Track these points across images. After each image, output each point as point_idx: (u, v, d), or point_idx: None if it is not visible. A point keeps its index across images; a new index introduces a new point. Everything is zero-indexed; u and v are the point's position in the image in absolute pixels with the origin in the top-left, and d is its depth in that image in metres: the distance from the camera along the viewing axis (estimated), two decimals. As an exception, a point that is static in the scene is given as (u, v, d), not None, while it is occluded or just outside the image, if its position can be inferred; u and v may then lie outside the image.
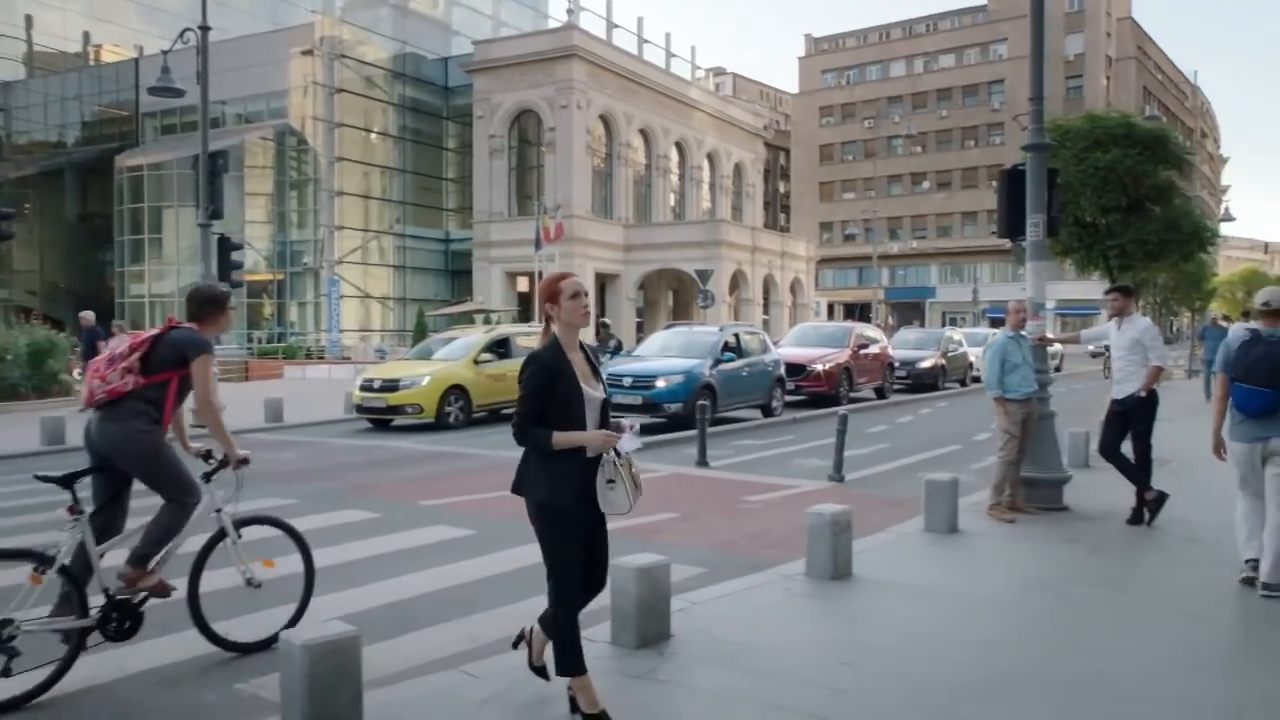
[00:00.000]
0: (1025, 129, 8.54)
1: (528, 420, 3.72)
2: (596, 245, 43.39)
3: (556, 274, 3.91)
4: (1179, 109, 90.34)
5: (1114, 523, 7.88)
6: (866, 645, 4.94)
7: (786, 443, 13.88)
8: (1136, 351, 7.85)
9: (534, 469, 3.78)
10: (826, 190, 79.73)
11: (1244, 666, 4.66)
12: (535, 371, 3.73)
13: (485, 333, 17.94)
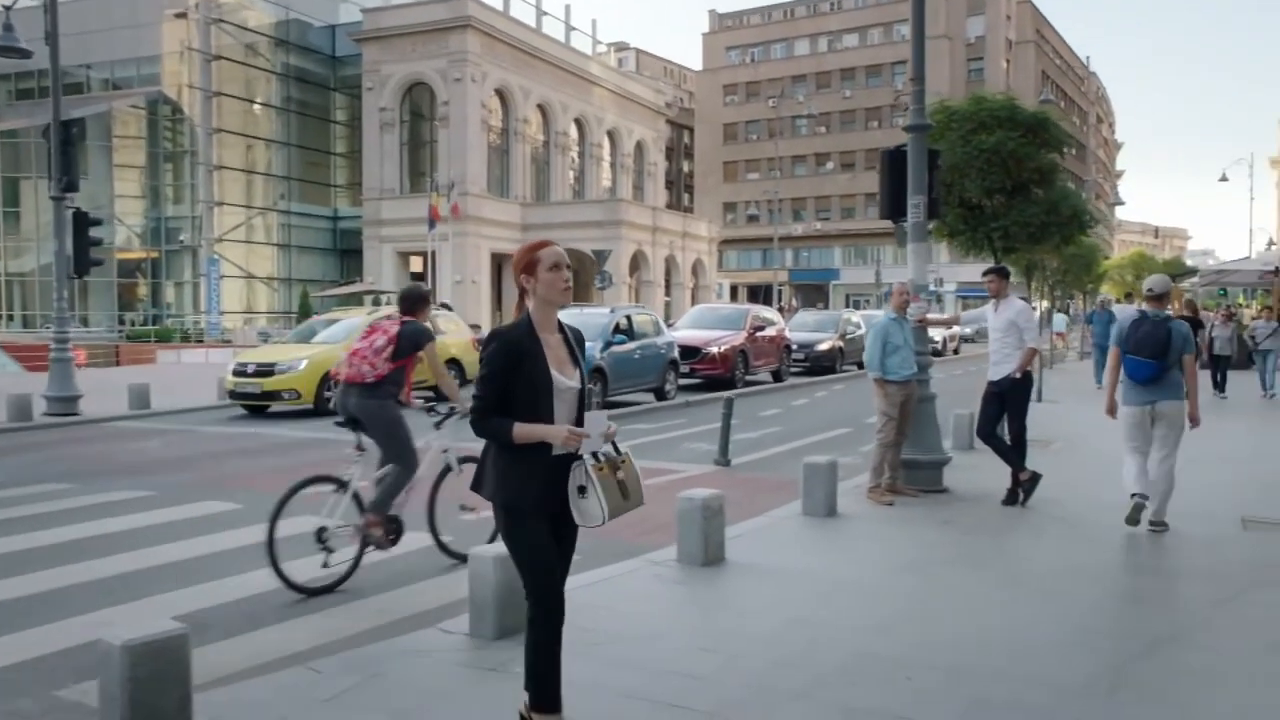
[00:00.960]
0: (906, 109, 8.73)
1: (486, 406, 3.31)
2: (492, 224, 42.93)
3: (534, 242, 3.50)
4: (1076, 93, 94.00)
5: (990, 504, 8.15)
6: (732, 631, 5.00)
7: (677, 426, 13.98)
8: (1012, 334, 8.12)
9: (494, 464, 3.40)
10: (730, 170, 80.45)
11: (1105, 644, 4.86)
12: (497, 350, 3.33)
13: (368, 314, 17.55)
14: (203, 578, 6.17)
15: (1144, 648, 4.80)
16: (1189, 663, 4.60)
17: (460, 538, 6.65)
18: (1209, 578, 6.09)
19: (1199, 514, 7.99)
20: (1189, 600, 5.62)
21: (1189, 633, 5.05)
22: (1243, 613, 5.38)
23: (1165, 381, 7.05)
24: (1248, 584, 5.95)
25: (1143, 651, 4.75)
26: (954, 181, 11.12)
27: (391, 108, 44.27)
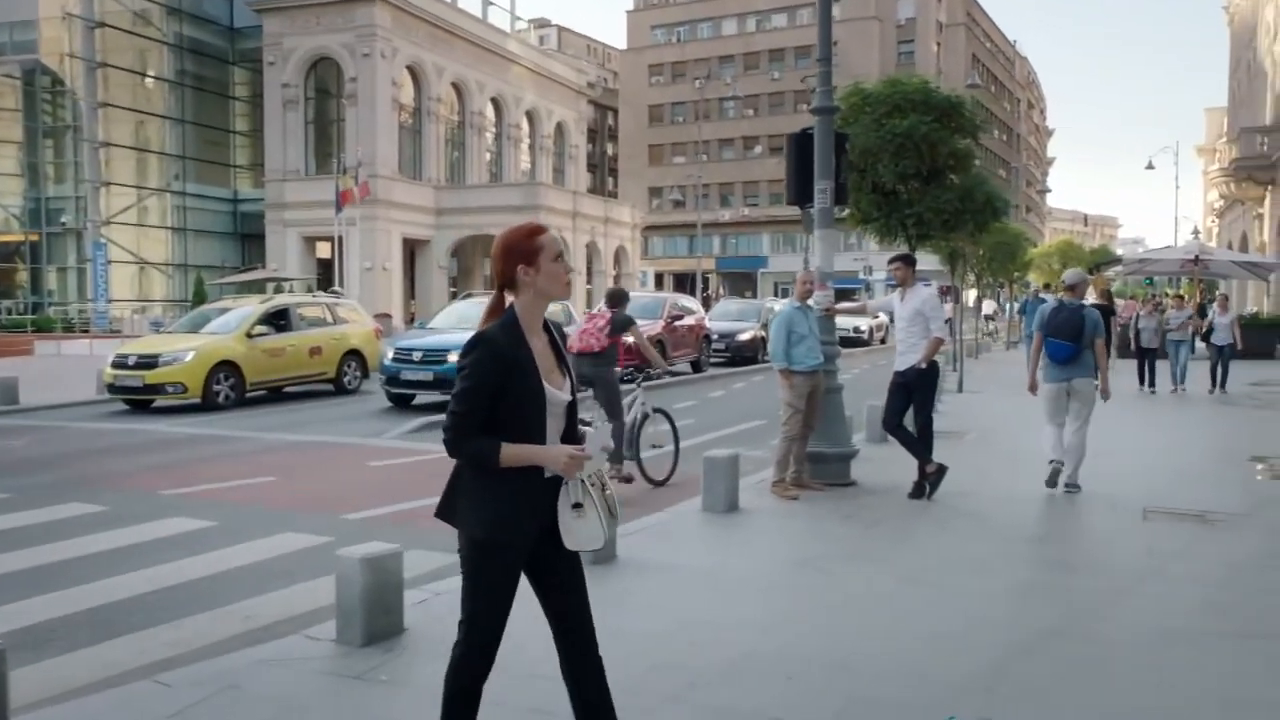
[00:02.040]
0: (813, 91, 8.81)
1: (468, 425, 2.90)
2: (404, 208, 42.33)
3: (527, 226, 3.09)
4: (1006, 78, 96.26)
5: (897, 497, 8.28)
6: (613, 632, 4.95)
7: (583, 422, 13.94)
8: (918, 323, 8.26)
9: (469, 490, 2.98)
10: (656, 153, 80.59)
11: (993, 639, 4.96)
12: (484, 359, 2.90)
13: (260, 302, 17.17)
14: (53, 586, 5.95)
15: (1031, 642, 4.92)
16: (1074, 656, 4.71)
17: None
18: (1105, 569, 6.28)
19: (1104, 505, 8.25)
20: (1082, 592, 5.77)
21: (1078, 625, 5.19)
22: (1133, 604, 5.55)
23: (1079, 361, 8.44)
24: (1142, 575, 6.15)
25: (1029, 646, 4.86)
26: (867, 166, 11.27)
27: (295, 84, 43.30)
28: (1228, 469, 9.90)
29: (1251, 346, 24.93)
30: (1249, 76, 39.19)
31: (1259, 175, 31.29)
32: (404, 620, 4.94)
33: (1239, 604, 5.56)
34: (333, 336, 17.28)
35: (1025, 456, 10.47)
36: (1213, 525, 7.43)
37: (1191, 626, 5.17)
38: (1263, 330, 26.80)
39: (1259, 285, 32.94)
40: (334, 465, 10.40)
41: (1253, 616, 5.33)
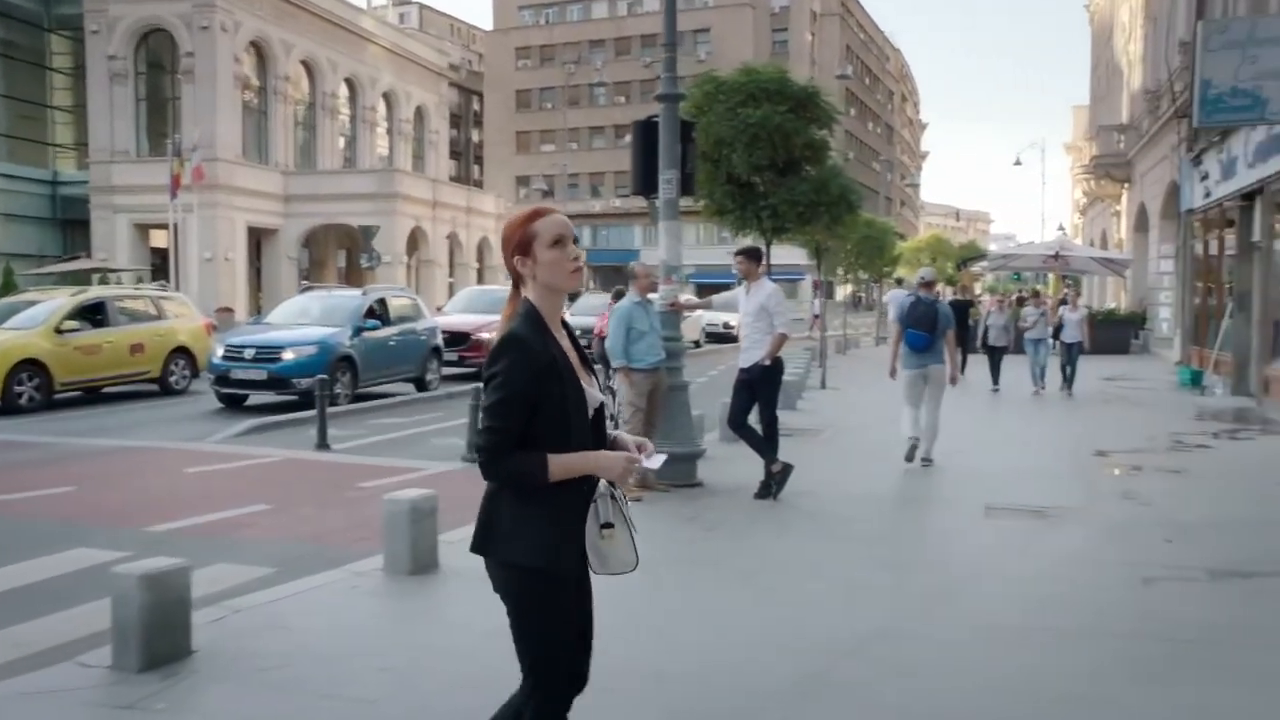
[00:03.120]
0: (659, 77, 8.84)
1: (508, 442, 2.65)
2: (248, 194, 40.92)
3: (527, 211, 2.86)
4: (880, 70, 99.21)
5: (743, 498, 8.38)
6: (423, 646, 4.88)
7: (434, 420, 13.74)
8: (762, 318, 8.36)
9: (512, 515, 2.72)
10: (523, 141, 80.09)
11: (818, 643, 5.04)
12: (518, 364, 2.65)
13: (72, 295, 16.29)
14: None
15: (855, 644, 5.01)
16: (897, 658, 4.83)
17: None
18: (940, 568, 6.48)
19: (947, 503, 8.54)
20: (915, 592, 5.93)
21: (906, 626, 5.32)
22: (963, 602, 5.73)
23: (934, 350, 9.90)
24: (977, 572, 6.37)
25: (854, 649, 4.96)
26: (721, 157, 11.38)
27: (123, 56, 41.33)
28: (1071, 465, 10.38)
29: (1107, 342, 26.37)
30: (1108, 75, 41.36)
31: (1116, 173, 33.01)
32: (192, 642, 4.72)
33: (1066, 600, 5.80)
34: (157, 332, 16.53)
35: (877, 454, 10.79)
36: (1050, 520, 7.75)
37: (1019, 624, 5.36)
38: (1118, 326, 28.32)
39: (1119, 281, 34.77)
40: (146, 472, 9.93)
41: (1079, 612, 5.56)
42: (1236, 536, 7.26)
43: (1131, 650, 4.93)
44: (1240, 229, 16.91)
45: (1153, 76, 27.64)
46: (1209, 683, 4.52)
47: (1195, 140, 19.74)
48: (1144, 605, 5.72)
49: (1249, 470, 10.07)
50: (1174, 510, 8.11)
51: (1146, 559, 6.60)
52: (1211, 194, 18.72)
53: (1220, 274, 19.53)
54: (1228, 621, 5.39)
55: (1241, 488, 9.16)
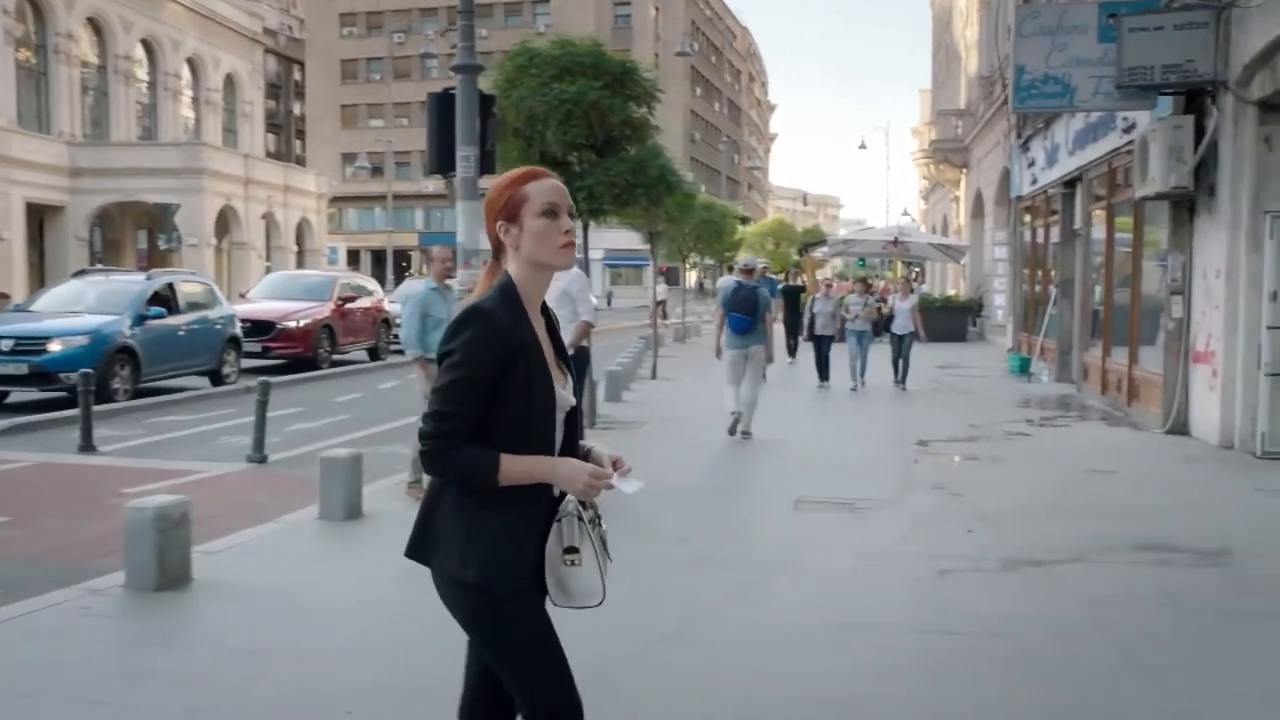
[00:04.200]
0: (453, 48, 8.64)
1: (459, 430, 2.40)
2: (27, 167, 38.36)
3: (518, 172, 2.60)
4: (728, 49, 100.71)
5: (548, 494, 8.29)
6: (149, 672, 4.60)
7: (226, 417, 13.18)
8: (565, 305, 8.28)
9: (455, 520, 2.48)
10: (349, 115, 77.98)
11: (598, 647, 4.94)
12: (480, 341, 2.41)
13: None
14: None
15: (637, 649, 4.98)
16: (677, 663, 4.82)
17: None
18: (740, 565, 6.52)
19: (757, 498, 8.66)
20: (707, 592, 5.94)
21: (692, 628, 5.33)
22: (756, 602, 5.77)
23: (754, 332, 11.14)
24: (776, 569, 6.44)
25: (634, 654, 4.92)
26: (534, 134, 11.23)
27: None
28: (889, 456, 10.69)
29: (945, 330, 27.45)
30: (948, 59, 43.09)
31: (954, 158, 34.45)
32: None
33: (860, 595, 5.92)
34: (-96, 321, 15.32)
35: (697, 447, 10.90)
36: (859, 513, 7.94)
37: (808, 622, 5.43)
38: (955, 313, 29.52)
39: (959, 268, 36.29)
40: None
41: (870, 608, 5.68)
42: (1035, 524, 7.58)
43: (918, 645, 5.06)
44: (1063, 216, 17.80)
45: (987, 62, 28.87)
46: (991, 677, 4.66)
47: (1023, 127, 20.70)
48: (937, 598, 5.88)
49: (1058, 457, 10.57)
50: (982, 500, 8.41)
51: (946, 551, 6.80)
52: (1038, 181, 19.67)
53: (1047, 261, 20.55)
54: (1015, 612, 5.59)
55: (1048, 475, 9.60)
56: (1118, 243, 15.12)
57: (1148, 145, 11.17)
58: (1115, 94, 11.22)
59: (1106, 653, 4.96)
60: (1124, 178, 13.67)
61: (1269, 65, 9.69)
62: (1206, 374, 11.05)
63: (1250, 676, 4.71)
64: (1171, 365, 11.78)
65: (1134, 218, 13.85)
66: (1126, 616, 5.55)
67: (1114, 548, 6.88)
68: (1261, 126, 10.20)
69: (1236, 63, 10.14)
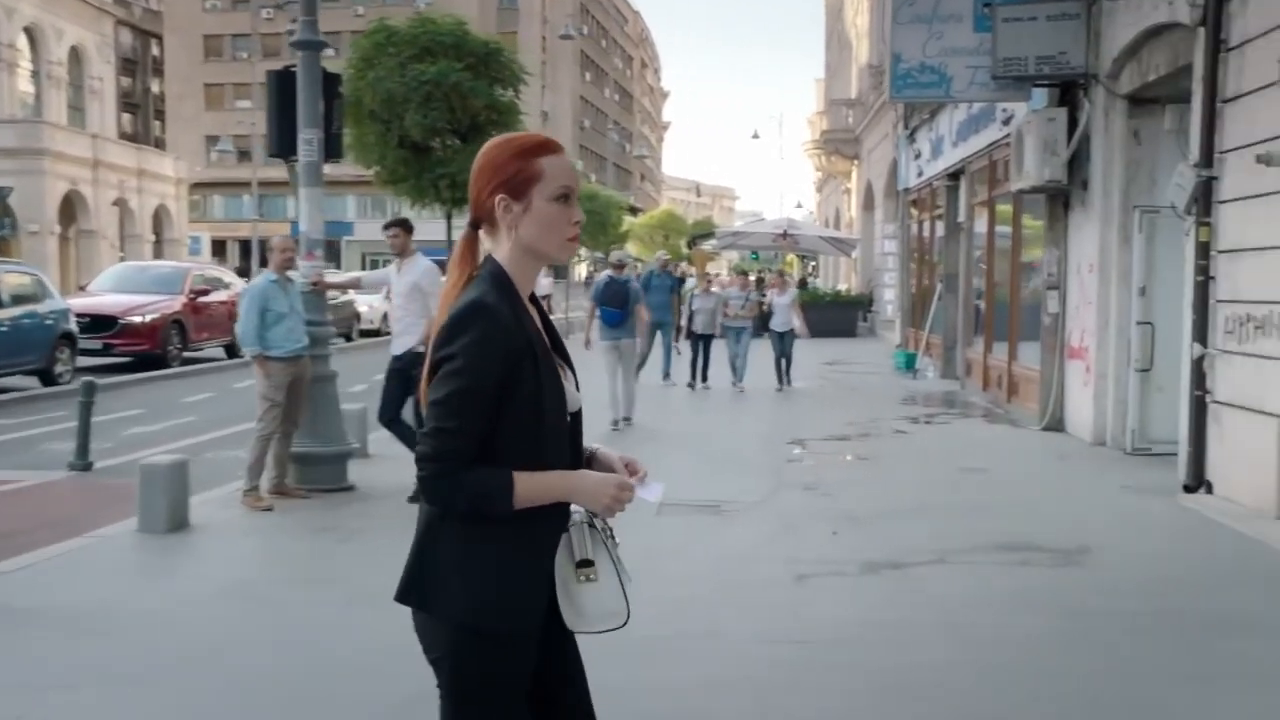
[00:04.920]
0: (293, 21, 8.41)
1: (466, 449, 2.16)
2: None
3: (535, 139, 2.34)
4: (619, 34, 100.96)
5: (397, 502, 8.12)
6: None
7: (55, 420, 12.65)
8: (416, 299, 8.14)
9: (458, 555, 2.22)
10: (214, 95, 75.75)
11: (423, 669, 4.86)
12: (489, 341, 2.15)
13: None
14: None
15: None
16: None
17: None
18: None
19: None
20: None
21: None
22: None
23: (626, 325, 12.07)
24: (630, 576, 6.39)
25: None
26: (393, 117, 11.03)
27: None
28: (763, 456, 10.76)
29: (835, 325, 27.91)
30: (840, 47, 43.78)
31: (845, 149, 35.02)
32: None
33: (711, 603, 5.91)
34: None
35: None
36: (724, 516, 7.97)
37: (651, 634, 5.36)
38: (845, 308, 30.02)
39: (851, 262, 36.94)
40: None
41: (719, 616, 5.67)
42: (902, 526, 7.70)
43: (762, 655, 5.06)
44: (948, 209, 18.22)
45: (876, 51, 29.41)
46: (830, 689, 4.68)
47: (910, 118, 21.12)
48: (790, 605, 5.91)
49: (934, 456, 10.79)
50: (852, 501, 8.52)
51: (807, 555, 6.85)
52: (924, 173, 20.11)
53: (932, 255, 21.01)
54: (868, 618, 5.64)
55: (921, 475, 9.78)
56: (999, 236, 15.52)
57: (1023, 138, 11.47)
58: (991, 85, 11.49)
59: (953, 658, 5.04)
60: (1004, 171, 14.03)
61: (1136, 58, 10.03)
62: (1080, 370, 11.40)
63: (1093, 677, 4.83)
64: (1048, 361, 12.12)
65: (1013, 211, 14.23)
66: (978, 620, 5.65)
67: (976, 548, 7.02)
68: (1131, 120, 10.55)
69: (1106, 55, 10.47)
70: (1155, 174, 10.37)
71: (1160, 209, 9.84)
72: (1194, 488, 8.36)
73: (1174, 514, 8.01)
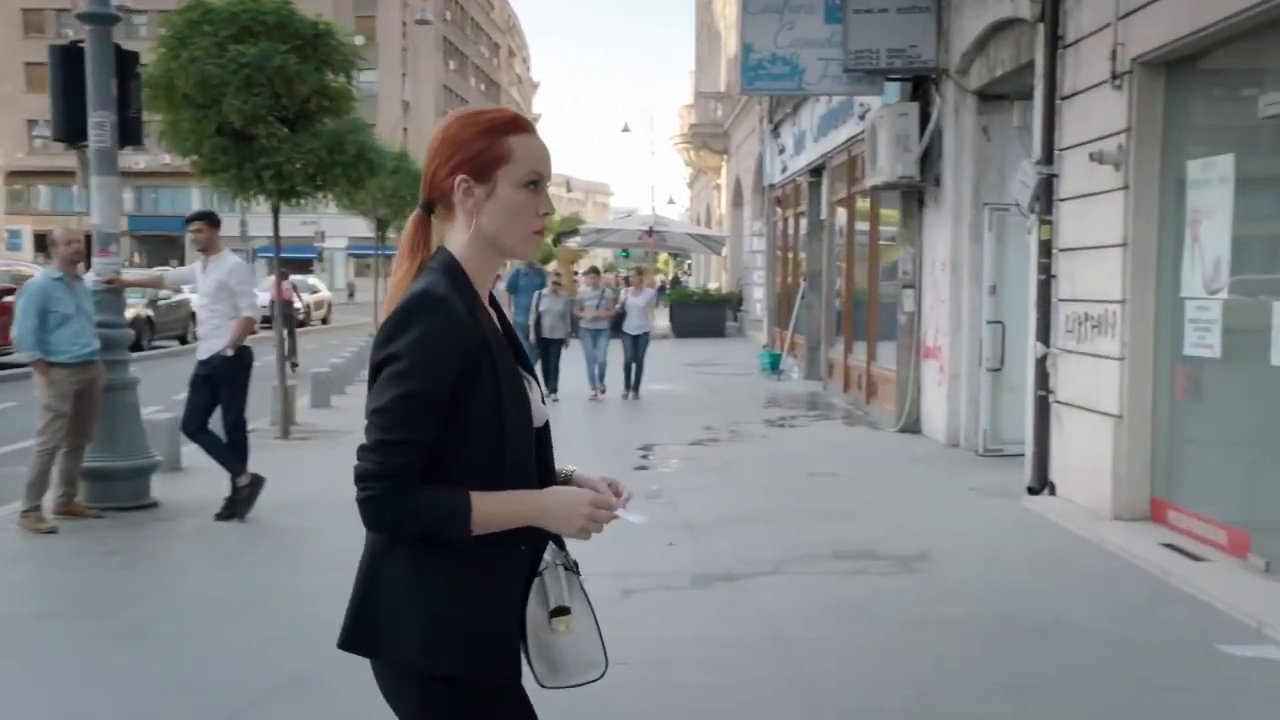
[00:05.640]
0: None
1: (412, 463, 1.96)
2: None
3: (506, 115, 2.14)
4: (484, 20, 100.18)
5: (203, 520, 7.84)
6: None
7: None
8: (223, 299, 7.85)
9: (411, 590, 2.02)
10: (37, 75, 72.55)
11: (216, 703, 4.66)
12: (438, 339, 1.96)
13: None
14: None
15: (266, 694, 4.73)
16: (297, 709, 4.60)
17: None
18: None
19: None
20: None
21: (324, 672, 5.05)
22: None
23: None
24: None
25: (247, 705, 4.64)
26: (210, 102, 10.56)
27: None
28: (611, 462, 10.66)
29: (703, 325, 28.13)
30: (710, 39, 44.15)
31: (714, 144, 35.32)
32: None
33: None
34: None
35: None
36: (558, 528, 7.84)
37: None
38: (713, 307, 30.25)
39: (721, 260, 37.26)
40: None
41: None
42: (741, 534, 7.70)
43: (574, 678, 4.95)
44: (810, 206, 18.47)
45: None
46: (641, 712, 4.61)
47: (775, 112, 21.35)
48: (614, 623, 5.69)
49: (786, 461, 10.85)
50: (695, 509, 8.49)
51: (639, 568, 6.76)
52: (787, 169, 20.35)
53: (797, 252, 21.29)
54: (692, 634, 5.60)
55: (769, 480, 9.83)
56: (859, 234, 15.76)
57: (876, 133, 11.65)
58: (844, 78, 11.63)
59: (777, 674, 5.02)
60: (863, 167, 14.25)
61: (984, 53, 10.26)
62: (935, 370, 11.62)
63: (918, 690, 4.86)
64: (904, 361, 12.34)
65: (870, 208, 14.46)
66: (807, 633, 5.65)
67: (814, 557, 7.04)
68: (980, 116, 10.80)
69: (956, 50, 10.69)
70: (1005, 171, 10.63)
71: (1009, 206, 10.08)
72: (1038, 490, 8.57)
73: (1016, 517, 8.18)
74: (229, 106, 10.66)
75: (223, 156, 11.04)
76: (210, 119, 10.82)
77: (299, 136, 11.34)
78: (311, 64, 11.23)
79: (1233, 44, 6.73)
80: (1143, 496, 7.49)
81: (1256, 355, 6.28)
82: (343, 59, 11.75)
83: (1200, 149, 7.08)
